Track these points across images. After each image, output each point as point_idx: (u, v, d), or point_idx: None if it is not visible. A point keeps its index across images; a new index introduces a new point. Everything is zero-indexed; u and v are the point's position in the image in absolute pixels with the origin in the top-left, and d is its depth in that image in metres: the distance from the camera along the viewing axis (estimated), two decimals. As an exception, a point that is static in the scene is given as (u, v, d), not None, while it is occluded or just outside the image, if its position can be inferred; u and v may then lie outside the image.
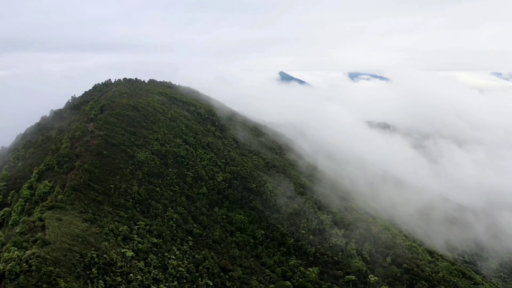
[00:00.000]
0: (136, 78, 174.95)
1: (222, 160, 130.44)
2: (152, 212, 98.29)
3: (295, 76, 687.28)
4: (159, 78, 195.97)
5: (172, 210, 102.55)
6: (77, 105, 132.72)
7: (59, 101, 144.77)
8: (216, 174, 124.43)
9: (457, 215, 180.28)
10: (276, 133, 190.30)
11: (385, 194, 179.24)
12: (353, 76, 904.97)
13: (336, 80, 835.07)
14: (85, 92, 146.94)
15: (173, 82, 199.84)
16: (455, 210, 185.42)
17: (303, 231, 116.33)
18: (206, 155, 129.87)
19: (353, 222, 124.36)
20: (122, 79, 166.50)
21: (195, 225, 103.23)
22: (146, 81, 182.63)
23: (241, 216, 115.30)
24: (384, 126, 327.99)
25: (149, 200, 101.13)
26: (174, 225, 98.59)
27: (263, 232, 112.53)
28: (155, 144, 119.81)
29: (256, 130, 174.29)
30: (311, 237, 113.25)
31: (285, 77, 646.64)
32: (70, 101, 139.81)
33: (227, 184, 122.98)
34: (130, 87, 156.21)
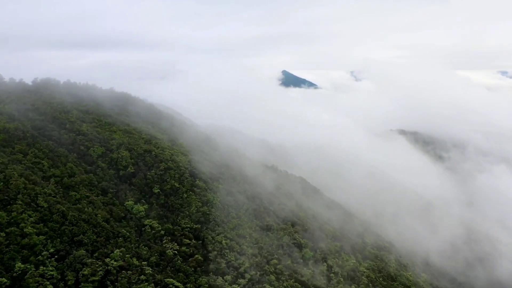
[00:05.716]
0: (21, 80, 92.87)
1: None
2: None
3: (298, 75, 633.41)
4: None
5: None
6: None
7: None
8: None
9: None
10: (292, 180, 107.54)
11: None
12: (356, 74, 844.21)
13: (339, 79, 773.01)
14: None
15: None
16: None
17: None
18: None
19: None
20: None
21: None
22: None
23: None
24: (400, 133, 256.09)
25: None
26: None
27: None
28: None
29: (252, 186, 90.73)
30: None
31: (288, 77, 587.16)
32: None
33: None
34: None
